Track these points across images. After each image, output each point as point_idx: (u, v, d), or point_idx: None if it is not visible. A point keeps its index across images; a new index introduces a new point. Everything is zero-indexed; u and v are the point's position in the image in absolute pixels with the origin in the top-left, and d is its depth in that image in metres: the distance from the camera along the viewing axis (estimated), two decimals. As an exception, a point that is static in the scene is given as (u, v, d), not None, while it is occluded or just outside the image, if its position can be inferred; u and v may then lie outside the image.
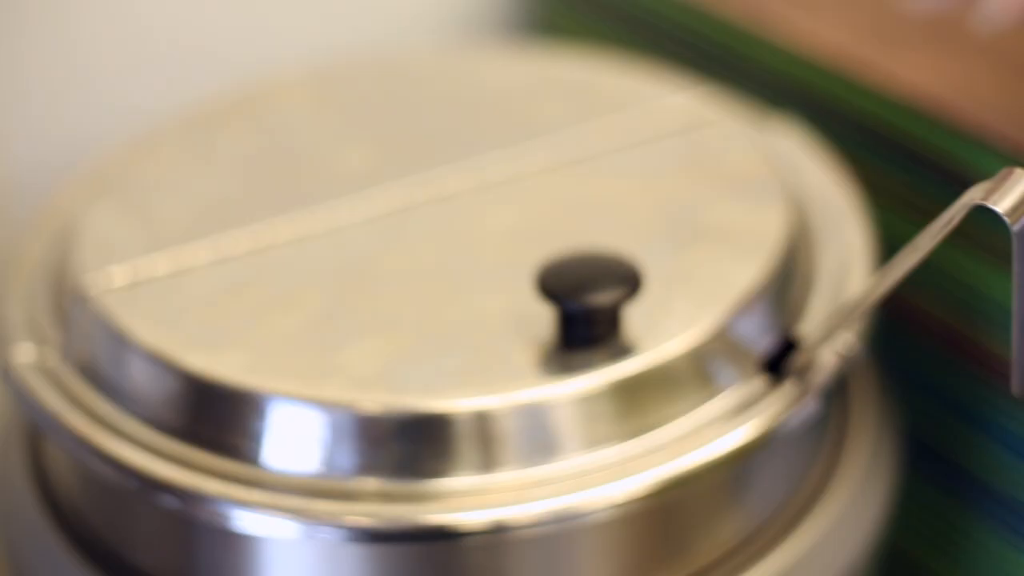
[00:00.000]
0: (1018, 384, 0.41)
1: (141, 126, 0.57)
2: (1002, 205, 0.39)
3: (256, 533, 0.43)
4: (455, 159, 0.51)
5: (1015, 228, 0.39)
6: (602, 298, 0.43)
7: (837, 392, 0.51)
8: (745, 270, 0.46)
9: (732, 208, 0.47)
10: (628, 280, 0.44)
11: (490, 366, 0.43)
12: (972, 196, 0.40)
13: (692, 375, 0.44)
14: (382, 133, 0.55)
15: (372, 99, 0.57)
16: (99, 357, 0.46)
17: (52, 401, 0.46)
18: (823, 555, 0.48)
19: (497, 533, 0.42)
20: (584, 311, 0.43)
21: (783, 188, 0.50)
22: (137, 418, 0.45)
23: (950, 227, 0.41)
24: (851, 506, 0.49)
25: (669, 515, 0.45)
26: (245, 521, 0.42)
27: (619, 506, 0.42)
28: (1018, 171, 0.39)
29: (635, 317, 0.44)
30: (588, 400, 0.43)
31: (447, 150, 0.52)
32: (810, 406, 0.45)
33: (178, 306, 0.47)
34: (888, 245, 0.50)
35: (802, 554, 0.47)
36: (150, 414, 0.45)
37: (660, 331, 0.44)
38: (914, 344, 0.57)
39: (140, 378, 0.45)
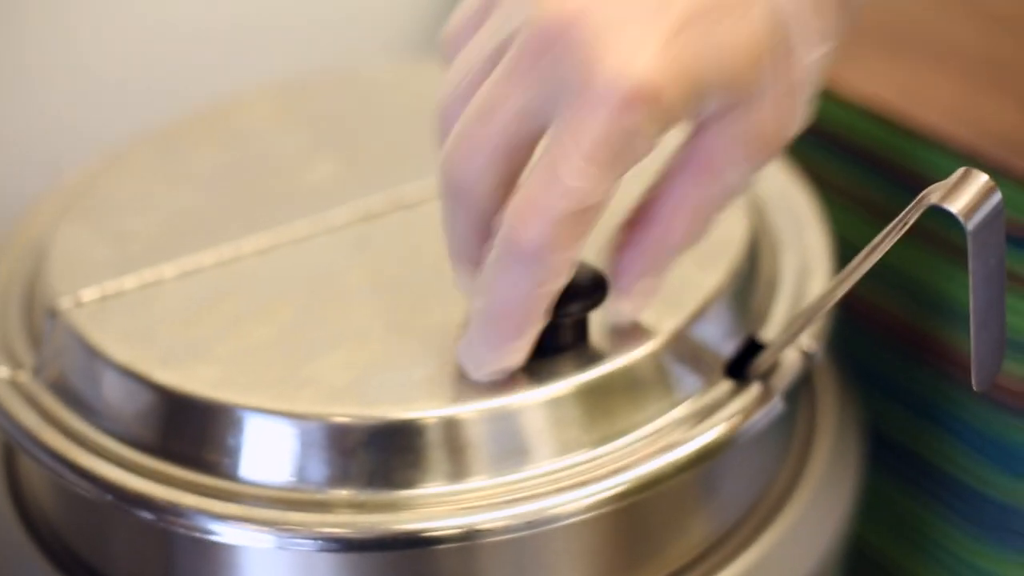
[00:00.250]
0: (978, 379, 0.42)
1: (107, 146, 0.57)
2: (956, 205, 0.40)
3: (232, 543, 0.43)
4: (421, 172, 0.52)
5: (970, 227, 0.40)
6: (568, 307, 0.44)
7: (803, 392, 0.52)
8: (707, 275, 0.47)
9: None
10: (593, 288, 0.44)
11: (459, 375, 0.44)
12: (928, 197, 0.40)
13: (658, 379, 0.45)
14: (349, 147, 0.55)
15: (338, 113, 0.57)
16: (71, 374, 0.47)
17: (27, 418, 0.46)
18: (794, 551, 0.48)
19: (469, 540, 0.42)
20: (550, 320, 0.43)
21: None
22: (110, 434, 0.45)
23: (906, 227, 0.41)
24: (818, 502, 0.49)
25: (640, 518, 0.45)
26: (220, 533, 0.43)
27: (589, 510, 0.43)
28: (972, 172, 0.40)
29: (600, 323, 0.45)
30: (556, 406, 0.44)
31: (413, 163, 0.52)
32: (775, 407, 0.45)
33: (149, 320, 0.47)
34: (846, 245, 0.51)
35: (773, 551, 0.48)
36: (123, 429, 0.45)
37: (625, 337, 0.45)
38: (873, 341, 0.58)
39: (112, 394, 0.45)
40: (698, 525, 0.47)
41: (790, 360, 0.46)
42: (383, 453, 0.43)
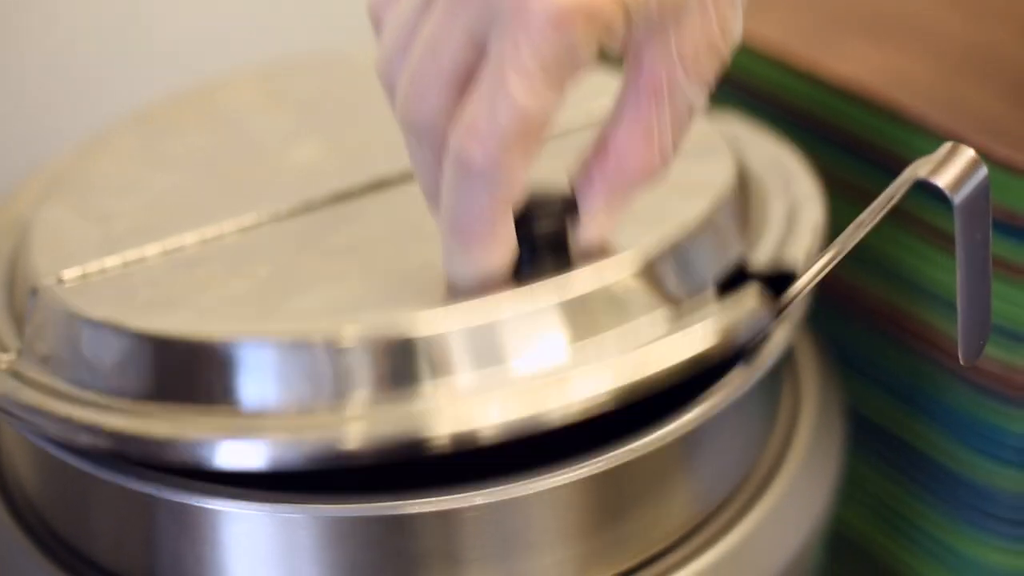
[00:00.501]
0: (965, 354, 0.42)
1: (90, 130, 0.57)
2: (943, 179, 0.40)
3: (215, 510, 0.43)
4: (405, 154, 0.52)
5: (956, 201, 0.40)
6: (540, 223, 0.44)
7: (786, 373, 0.52)
8: (693, 204, 0.47)
9: (683, 166, 0.48)
10: (564, 207, 0.44)
11: (438, 298, 0.44)
12: (914, 171, 0.41)
13: (644, 294, 0.45)
14: (332, 129, 0.55)
15: (322, 95, 0.57)
16: (54, 344, 0.46)
17: (8, 385, 0.46)
18: (777, 533, 0.48)
19: (466, 440, 0.42)
20: (526, 241, 0.43)
21: (732, 149, 0.52)
22: (99, 391, 0.45)
23: (893, 202, 0.42)
24: (801, 483, 0.50)
25: (621, 493, 0.45)
26: (226, 457, 0.42)
27: (584, 410, 0.42)
28: (959, 147, 0.40)
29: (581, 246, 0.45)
30: (536, 318, 0.43)
31: (398, 145, 0.52)
32: (763, 319, 0.45)
33: (129, 288, 0.47)
34: (832, 227, 0.51)
35: (756, 533, 0.48)
36: (109, 384, 0.45)
37: (608, 253, 0.45)
38: (853, 323, 0.59)
39: (95, 351, 0.45)
40: (680, 506, 0.47)
41: (775, 289, 0.46)
42: (372, 366, 0.43)
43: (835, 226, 0.51)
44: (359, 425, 0.42)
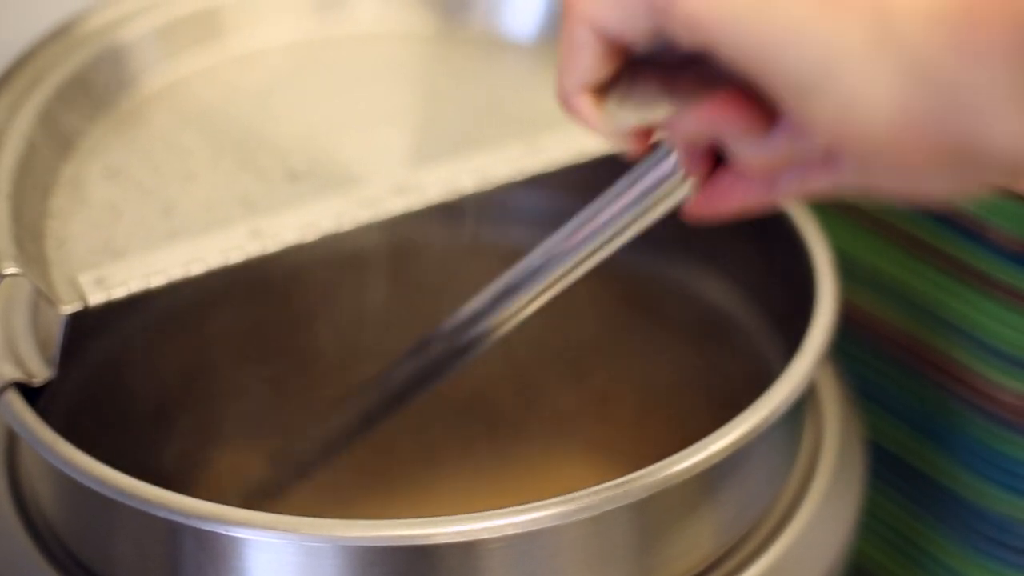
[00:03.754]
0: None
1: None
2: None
3: (238, 537, 0.43)
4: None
5: None
6: None
7: (808, 406, 0.52)
8: None
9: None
10: None
11: None
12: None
13: None
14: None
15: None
16: None
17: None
18: (799, 564, 0.49)
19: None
20: None
21: None
22: None
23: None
24: (824, 515, 0.50)
25: (646, 525, 0.45)
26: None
27: None
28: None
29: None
30: None
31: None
32: None
33: None
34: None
35: (778, 565, 0.48)
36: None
37: None
38: (873, 354, 0.59)
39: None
40: (705, 537, 0.47)
41: None
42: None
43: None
44: None
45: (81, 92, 0.55)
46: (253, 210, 0.52)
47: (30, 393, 0.46)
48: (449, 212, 0.54)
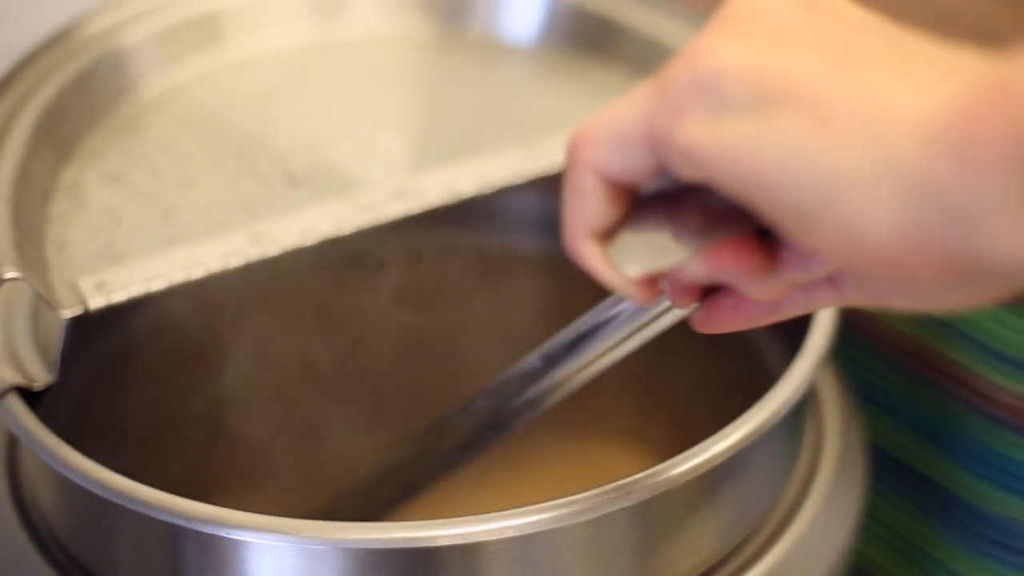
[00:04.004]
0: None
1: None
2: None
3: (240, 540, 0.43)
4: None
5: None
6: None
7: (809, 409, 0.52)
8: None
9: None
10: None
11: None
12: None
13: None
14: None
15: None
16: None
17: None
18: (801, 567, 0.49)
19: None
20: None
21: None
22: None
23: None
24: (824, 517, 0.50)
25: (646, 529, 0.45)
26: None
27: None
28: None
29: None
30: None
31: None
32: None
33: None
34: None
35: (779, 567, 0.48)
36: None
37: None
38: (874, 358, 0.59)
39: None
40: (706, 540, 0.47)
41: None
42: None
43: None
44: None
45: (81, 97, 0.55)
46: (253, 214, 0.52)
47: (31, 397, 0.46)
48: (449, 216, 0.54)
